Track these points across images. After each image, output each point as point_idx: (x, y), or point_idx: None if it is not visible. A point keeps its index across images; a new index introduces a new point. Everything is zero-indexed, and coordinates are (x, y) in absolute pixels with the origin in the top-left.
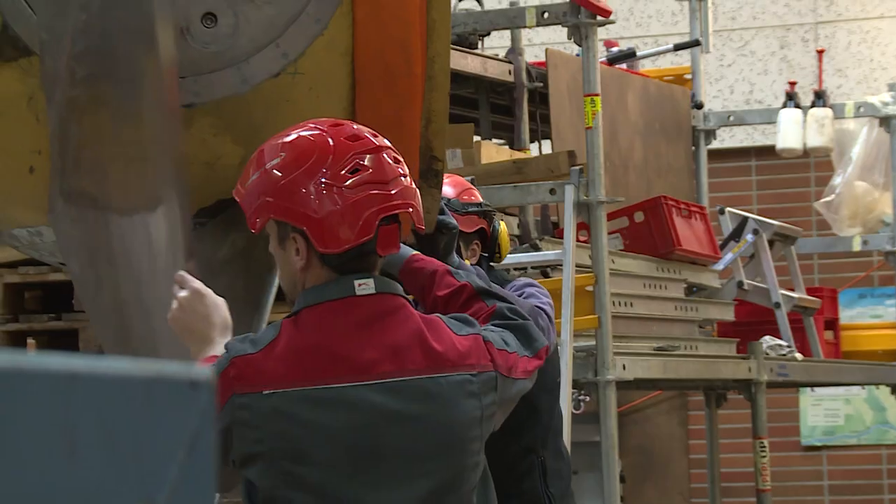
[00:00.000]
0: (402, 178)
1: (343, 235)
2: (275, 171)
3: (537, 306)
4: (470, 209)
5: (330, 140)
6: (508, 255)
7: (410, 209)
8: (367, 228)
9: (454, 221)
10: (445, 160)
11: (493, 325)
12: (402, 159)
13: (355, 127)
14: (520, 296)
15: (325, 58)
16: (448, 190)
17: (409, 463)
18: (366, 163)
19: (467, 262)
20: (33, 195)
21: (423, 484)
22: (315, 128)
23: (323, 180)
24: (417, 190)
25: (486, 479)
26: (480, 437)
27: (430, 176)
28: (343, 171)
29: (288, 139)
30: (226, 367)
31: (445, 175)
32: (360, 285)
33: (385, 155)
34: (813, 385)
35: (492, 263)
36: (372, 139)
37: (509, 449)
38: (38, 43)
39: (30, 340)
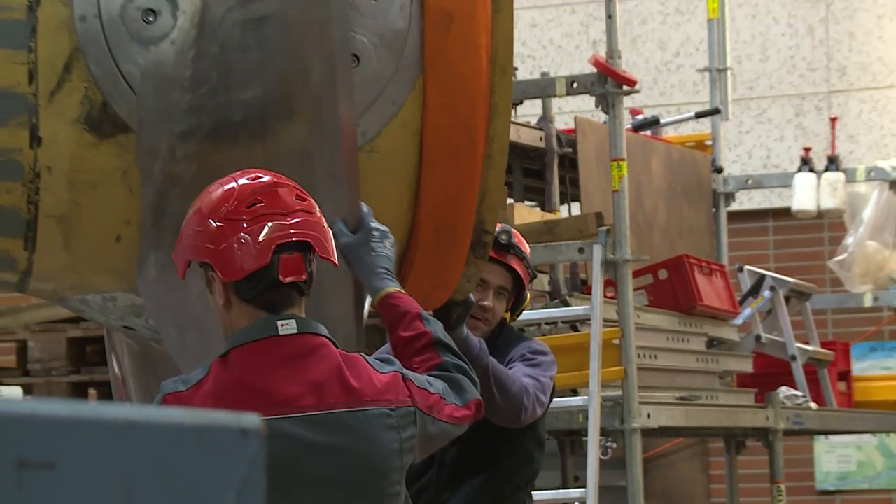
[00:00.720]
0: (304, 212)
1: (242, 263)
2: (189, 218)
3: (529, 381)
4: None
5: (235, 183)
6: (540, 310)
7: (310, 239)
8: (263, 256)
9: (471, 297)
10: (494, 233)
11: (431, 373)
12: (308, 197)
13: (264, 174)
14: (529, 361)
15: (398, 137)
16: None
17: (331, 492)
18: (264, 198)
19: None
20: (117, 263)
21: None
22: (229, 177)
23: (224, 217)
24: (324, 224)
25: None
26: (401, 469)
27: (477, 248)
28: (242, 206)
29: (205, 191)
30: (159, 406)
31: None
32: (282, 325)
33: (285, 190)
34: (827, 433)
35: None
36: (274, 178)
37: (503, 490)
38: (137, 121)
39: (91, 391)
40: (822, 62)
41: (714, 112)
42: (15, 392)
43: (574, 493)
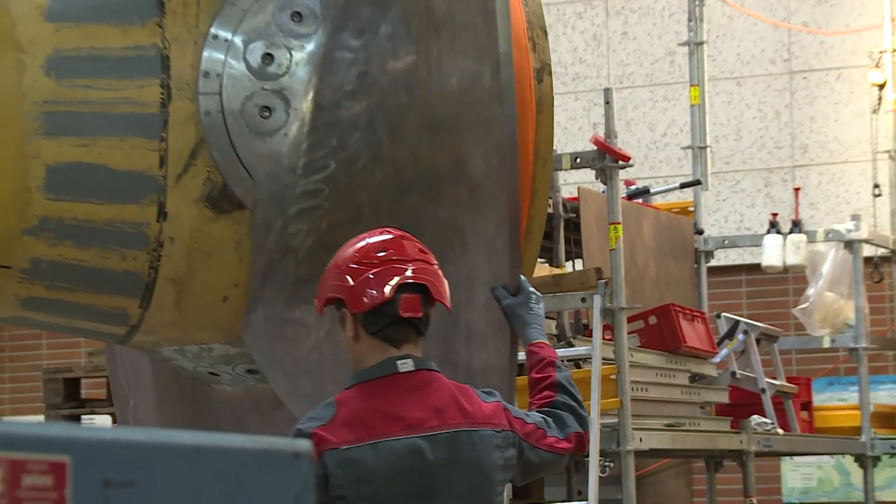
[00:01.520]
0: (423, 262)
1: (369, 298)
2: (329, 267)
3: None
4: None
5: (368, 237)
6: None
7: (427, 283)
8: (385, 291)
9: None
10: None
11: (542, 409)
12: (428, 252)
13: (393, 231)
14: None
15: None
16: None
17: (452, 499)
18: (390, 247)
19: None
20: (221, 319)
21: None
22: (364, 234)
23: (357, 261)
24: (440, 273)
25: None
26: (503, 482)
27: None
28: (372, 253)
29: (343, 245)
30: (312, 438)
31: None
32: (401, 364)
33: (408, 243)
34: (791, 454)
35: None
36: (400, 233)
37: None
38: (252, 200)
39: None
40: (787, 141)
41: (696, 183)
42: (105, 421)
43: None
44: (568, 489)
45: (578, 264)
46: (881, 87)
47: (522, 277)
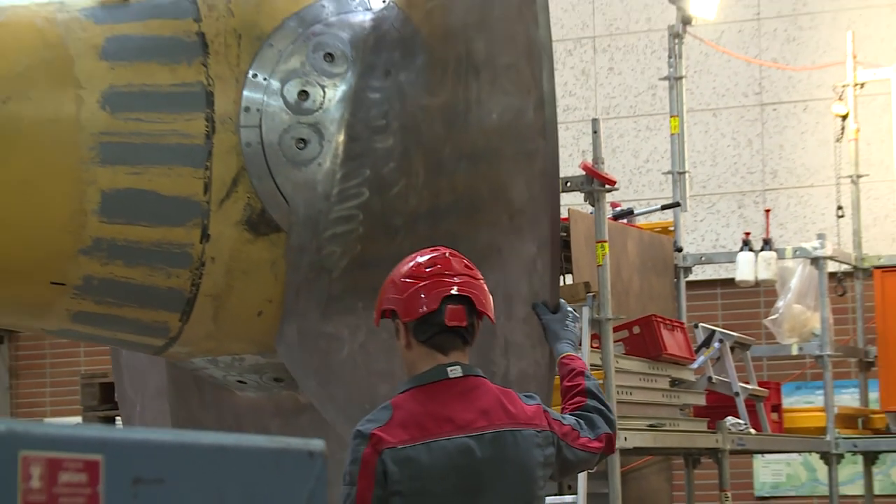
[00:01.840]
0: (469, 276)
1: (418, 307)
2: (385, 282)
3: None
4: None
5: (419, 255)
6: None
7: (471, 296)
8: (433, 303)
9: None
10: None
11: (574, 412)
12: (474, 267)
13: (442, 248)
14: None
15: None
16: None
17: (498, 494)
18: (438, 262)
19: None
20: (255, 332)
21: None
22: (416, 253)
23: (408, 276)
24: (485, 287)
25: None
26: (543, 478)
27: None
28: (422, 269)
29: (399, 264)
30: (370, 439)
31: None
32: (451, 371)
33: (455, 259)
34: (763, 452)
35: None
36: (448, 251)
37: None
38: (287, 224)
39: None
40: (759, 167)
41: (675, 205)
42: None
43: (567, 498)
44: (559, 483)
45: (569, 279)
46: (844, 117)
47: (562, 299)
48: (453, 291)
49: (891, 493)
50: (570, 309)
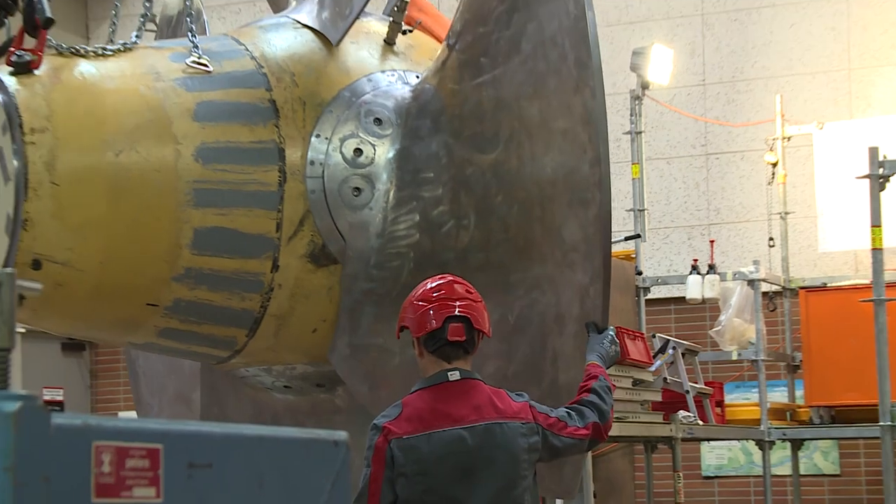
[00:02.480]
0: (469, 300)
1: (426, 325)
2: (404, 303)
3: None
4: None
5: (429, 282)
6: None
7: (469, 315)
8: (437, 322)
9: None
10: None
11: (569, 406)
12: (474, 291)
13: (448, 276)
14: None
15: None
16: None
17: (486, 475)
18: (443, 289)
19: None
20: (308, 346)
21: (494, 485)
22: (427, 280)
23: (419, 300)
24: (483, 308)
25: (535, 492)
26: (528, 461)
27: None
28: (430, 294)
29: (415, 288)
30: (382, 431)
31: None
32: (451, 375)
33: (458, 285)
34: (708, 439)
35: None
36: (452, 278)
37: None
38: (343, 257)
39: None
40: (705, 206)
41: (636, 237)
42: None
43: None
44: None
45: None
46: (774, 165)
47: (610, 326)
48: (455, 312)
49: (813, 473)
50: (612, 334)
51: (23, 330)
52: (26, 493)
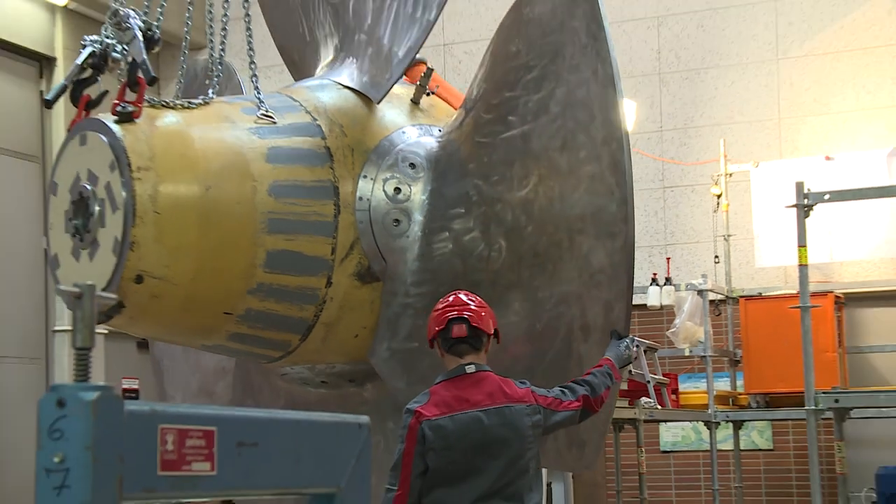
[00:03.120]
0: (469, 306)
1: (434, 327)
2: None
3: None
4: None
5: (447, 296)
6: None
7: (467, 316)
8: (442, 323)
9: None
10: None
11: (565, 385)
12: (477, 299)
13: (458, 291)
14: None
15: None
16: None
17: (499, 448)
18: (451, 299)
19: None
20: (349, 349)
21: (506, 456)
22: (446, 296)
23: (435, 309)
24: (483, 312)
25: (539, 467)
26: (532, 437)
27: None
28: (441, 305)
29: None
30: (414, 414)
31: None
32: (467, 368)
33: (462, 295)
34: (666, 421)
35: None
36: (462, 292)
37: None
38: (384, 276)
39: None
40: (662, 230)
41: None
42: None
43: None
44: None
45: None
46: (718, 196)
47: (630, 335)
48: (455, 315)
49: (751, 448)
50: (629, 340)
51: (105, 331)
52: (103, 468)
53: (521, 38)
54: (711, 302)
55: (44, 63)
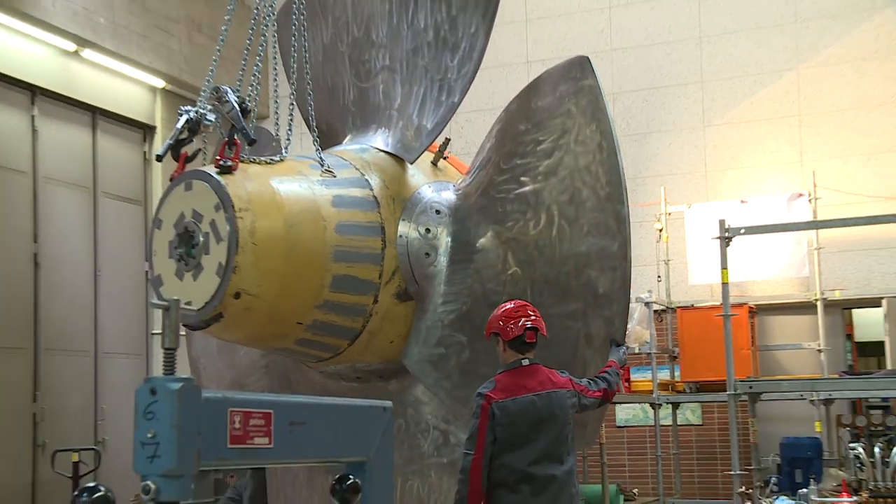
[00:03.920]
0: (536, 316)
1: (512, 333)
2: (490, 317)
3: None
4: None
5: (510, 303)
6: None
7: (537, 326)
8: (520, 330)
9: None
10: None
11: (588, 379)
12: (536, 311)
13: (519, 301)
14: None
15: None
16: None
17: (549, 424)
18: (519, 308)
19: None
20: (385, 351)
21: (554, 431)
22: (506, 302)
23: (503, 316)
24: (542, 322)
25: (574, 437)
26: (572, 415)
27: None
28: (511, 311)
29: (497, 308)
30: (486, 397)
31: None
32: (524, 362)
33: (528, 307)
34: (620, 403)
35: None
36: (524, 302)
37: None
38: (417, 296)
39: None
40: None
41: None
42: None
43: None
44: None
45: None
46: (660, 230)
47: (627, 342)
48: (529, 324)
49: (686, 423)
50: (625, 347)
51: (184, 333)
52: (185, 441)
53: (529, 121)
54: (655, 311)
55: (146, 131)
